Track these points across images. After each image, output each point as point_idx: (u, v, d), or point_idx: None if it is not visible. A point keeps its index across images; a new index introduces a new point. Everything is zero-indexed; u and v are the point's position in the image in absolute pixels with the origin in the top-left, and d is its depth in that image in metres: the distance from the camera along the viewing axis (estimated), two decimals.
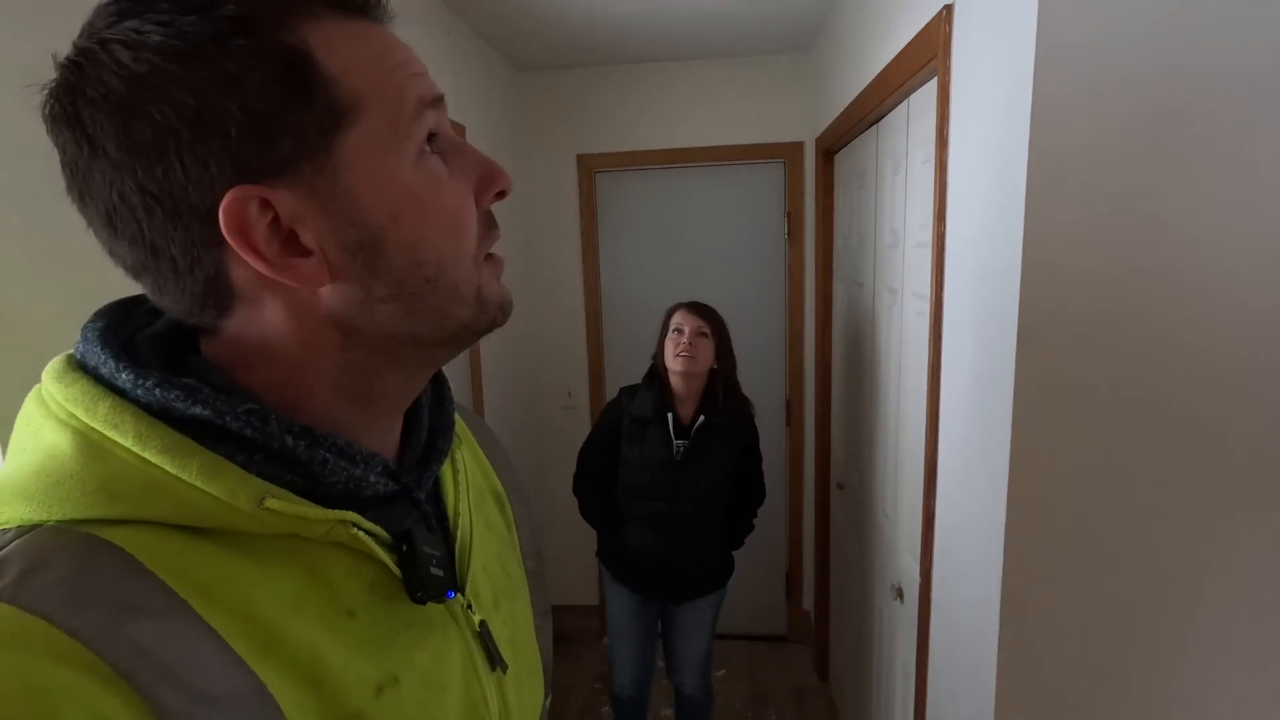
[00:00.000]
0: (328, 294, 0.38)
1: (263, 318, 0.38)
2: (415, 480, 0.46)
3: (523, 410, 2.74)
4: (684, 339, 1.85)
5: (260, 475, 0.36)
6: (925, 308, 1.38)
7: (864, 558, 2.02)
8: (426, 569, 0.42)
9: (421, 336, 0.41)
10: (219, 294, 0.37)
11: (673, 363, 1.85)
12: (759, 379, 2.80)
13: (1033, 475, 0.94)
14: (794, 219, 2.68)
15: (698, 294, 2.78)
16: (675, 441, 1.87)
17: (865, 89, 1.73)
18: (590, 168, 2.73)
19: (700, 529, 1.90)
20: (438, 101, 0.40)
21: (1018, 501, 0.95)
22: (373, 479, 0.41)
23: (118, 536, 0.33)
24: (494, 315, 0.44)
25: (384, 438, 0.45)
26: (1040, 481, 0.94)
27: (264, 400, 0.39)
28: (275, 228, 0.36)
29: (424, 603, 0.42)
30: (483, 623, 0.48)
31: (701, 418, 1.87)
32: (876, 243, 1.85)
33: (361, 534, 0.39)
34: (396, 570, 0.41)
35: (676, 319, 1.90)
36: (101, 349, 0.37)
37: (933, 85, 1.34)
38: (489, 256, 0.44)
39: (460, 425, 0.57)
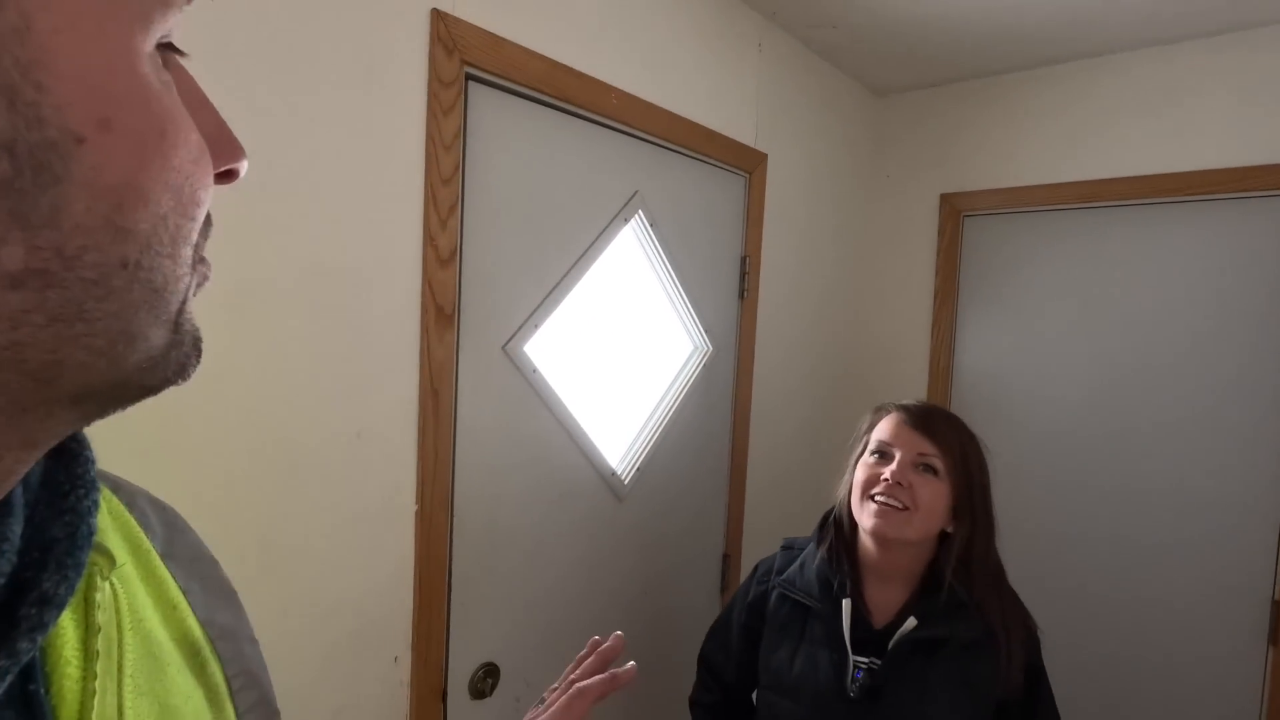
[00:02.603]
0: None
1: None
2: None
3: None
4: (889, 470, 1.04)
5: None
6: None
7: None
8: None
9: (71, 375, 0.21)
10: None
11: (863, 513, 1.06)
12: (1222, 553, 1.67)
13: None
14: None
15: (1120, 404, 1.83)
16: (853, 658, 1.04)
17: None
18: (957, 210, 2.05)
19: None
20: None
21: None
22: None
23: None
24: (188, 355, 0.25)
25: None
26: None
27: None
28: None
29: None
30: None
31: (911, 621, 1.02)
32: None
33: None
34: None
35: (883, 431, 1.09)
36: None
37: None
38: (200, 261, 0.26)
39: (113, 529, 0.33)
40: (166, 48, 0.24)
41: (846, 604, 1.06)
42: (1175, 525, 1.73)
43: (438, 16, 1.04)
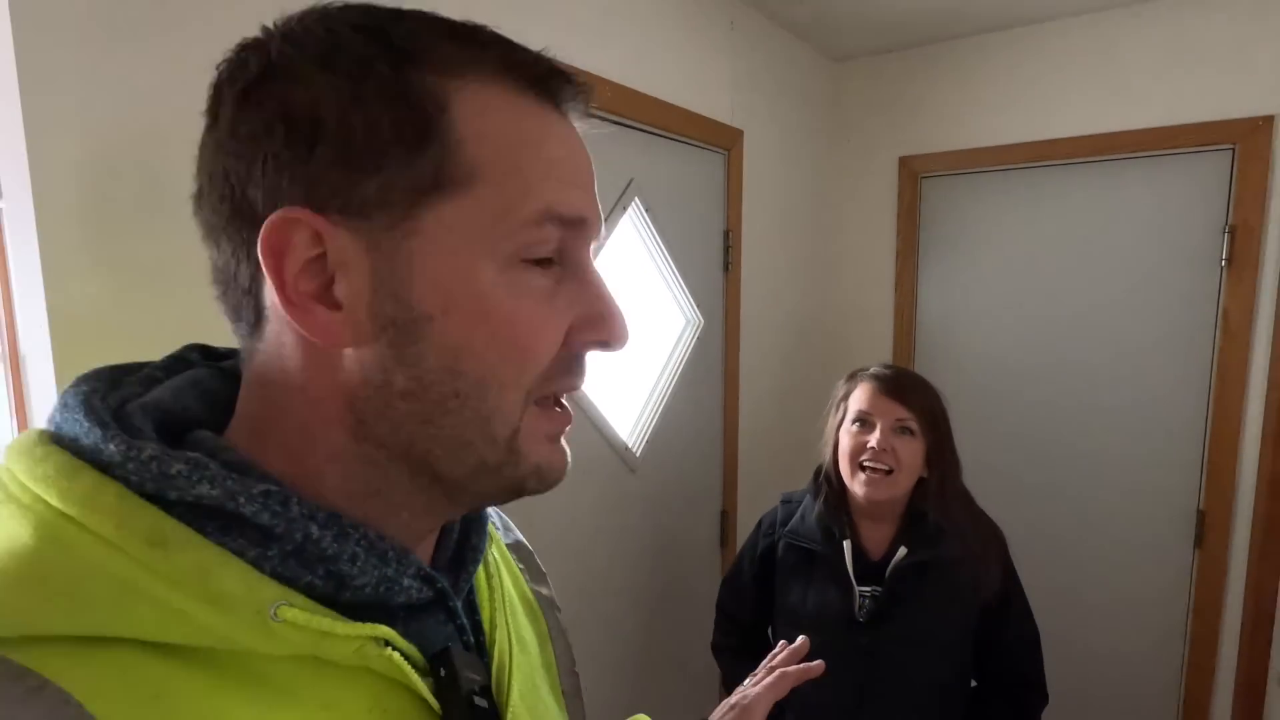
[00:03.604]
0: (348, 358, 0.33)
1: (283, 348, 0.33)
2: (451, 584, 0.38)
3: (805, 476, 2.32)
4: (873, 438, 1.19)
5: (274, 576, 0.30)
6: None
7: None
8: (469, 700, 0.35)
9: (438, 460, 0.34)
10: (253, 306, 0.34)
11: (854, 482, 1.21)
12: (1153, 470, 1.90)
13: None
14: (1242, 235, 1.73)
15: (1064, 344, 2.00)
16: (858, 589, 1.20)
17: None
18: (914, 172, 2.17)
19: None
20: (576, 223, 0.35)
21: None
22: (406, 581, 0.34)
23: (68, 673, 0.26)
24: (526, 475, 0.36)
25: (410, 537, 0.37)
26: None
27: (280, 478, 0.33)
28: (316, 266, 0.32)
29: None
30: None
31: (902, 550, 1.19)
32: None
33: (396, 655, 0.32)
34: (433, 702, 0.34)
35: (860, 400, 1.23)
36: (85, 415, 0.31)
37: None
38: (550, 403, 0.37)
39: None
40: (545, 261, 0.34)
41: (847, 545, 1.22)
42: (1114, 449, 1.95)
43: None
